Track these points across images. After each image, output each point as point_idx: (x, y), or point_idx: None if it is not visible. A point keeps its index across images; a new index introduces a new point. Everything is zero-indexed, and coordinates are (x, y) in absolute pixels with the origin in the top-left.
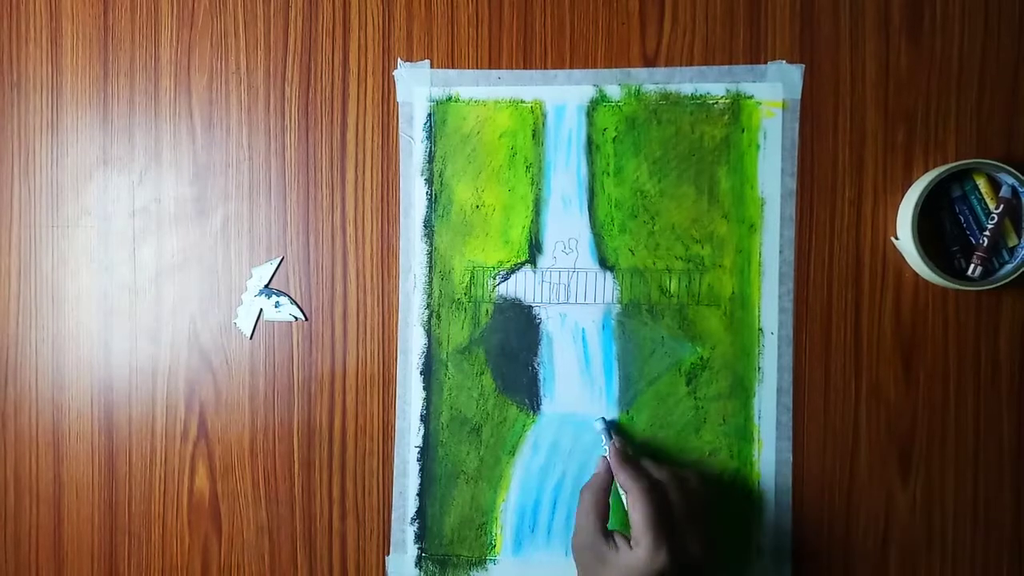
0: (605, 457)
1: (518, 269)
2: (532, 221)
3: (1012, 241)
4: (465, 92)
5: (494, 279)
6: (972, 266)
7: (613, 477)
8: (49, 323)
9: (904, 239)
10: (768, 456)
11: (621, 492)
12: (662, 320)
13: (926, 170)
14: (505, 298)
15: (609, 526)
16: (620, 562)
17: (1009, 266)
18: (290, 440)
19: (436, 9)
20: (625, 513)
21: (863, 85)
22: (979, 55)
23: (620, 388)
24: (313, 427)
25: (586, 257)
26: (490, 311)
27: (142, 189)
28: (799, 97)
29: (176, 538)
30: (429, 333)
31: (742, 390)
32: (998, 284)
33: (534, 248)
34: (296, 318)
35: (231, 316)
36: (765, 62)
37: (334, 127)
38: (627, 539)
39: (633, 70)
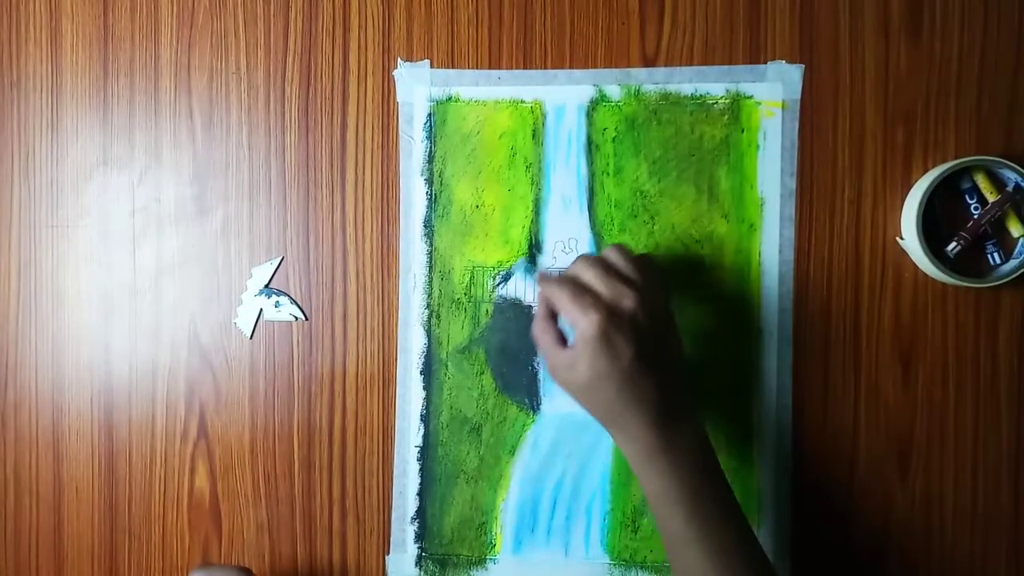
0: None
1: (518, 269)
2: (532, 221)
3: (1017, 232)
4: (465, 92)
5: (494, 279)
6: (953, 244)
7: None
8: (49, 323)
9: (909, 239)
10: (768, 456)
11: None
12: None
13: (926, 170)
14: (505, 298)
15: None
16: (573, 351)
17: (1009, 265)
18: (290, 440)
19: (436, 9)
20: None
21: (863, 85)
22: (979, 55)
23: None
24: (313, 427)
25: None
26: (490, 311)
27: (142, 189)
28: (799, 97)
29: (176, 538)
30: (429, 333)
31: (742, 390)
32: (998, 283)
33: (534, 248)
34: (296, 318)
35: (231, 316)
36: (765, 62)
37: (334, 127)
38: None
39: (633, 70)
